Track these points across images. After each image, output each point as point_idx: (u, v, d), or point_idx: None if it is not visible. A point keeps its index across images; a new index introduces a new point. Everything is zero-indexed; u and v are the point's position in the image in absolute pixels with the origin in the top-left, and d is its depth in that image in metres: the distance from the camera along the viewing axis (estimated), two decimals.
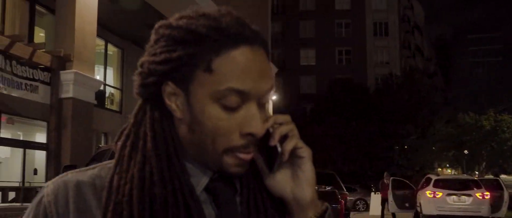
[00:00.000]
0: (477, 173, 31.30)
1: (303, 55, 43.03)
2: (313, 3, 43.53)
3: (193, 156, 0.74)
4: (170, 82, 0.71)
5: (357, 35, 42.45)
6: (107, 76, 14.76)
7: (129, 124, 0.75)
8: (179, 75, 0.70)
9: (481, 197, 13.35)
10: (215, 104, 0.69)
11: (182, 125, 0.72)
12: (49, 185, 0.74)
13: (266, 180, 0.76)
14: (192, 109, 0.70)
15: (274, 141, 0.73)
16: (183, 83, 0.70)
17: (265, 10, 21.84)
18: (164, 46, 0.71)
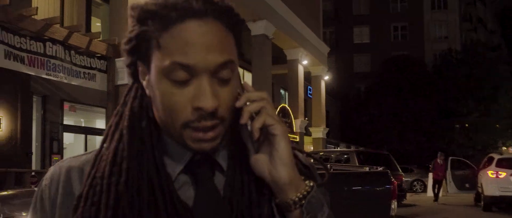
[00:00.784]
0: None
1: (356, 33, 41.98)
2: None
3: (169, 134, 0.75)
4: (139, 62, 0.75)
5: (413, 9, 40.79)
6: None
7: (119, 105, 0.79)
8: (142, 54, 0.73)
9: None
10: (166, 80, 0.70)
11: (154, 107, 0.75)
12: (50, 169, 0.81)
13: (250, 159, 0.76)
14: (152, 86, 0.73)
15: (243, 119, 0.72)
16: (146, 62, 0.73)
17: None
18: (130, 26, 0.74)
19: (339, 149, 22.88)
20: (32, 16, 7.85)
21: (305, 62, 17.70)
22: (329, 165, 7.17)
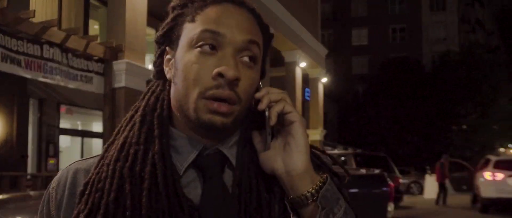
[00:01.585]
0: None
1: (355, 35, 41.99)
2: None
3: (182, 122, 0.76)
4: (167, 47, 0.78)
5: (412, 11, 40.84)
6: None
7: (138, 102, 0.82)
8: (172, 35, 0.78)
9: None
10: (192, 51, 0.73)
11: (172, 90, 0.77)
12: (58, 173, 0.82)
13: (260, 157, 0.75)
14: (176, 61, 0.75)
15: (262, 104, 0.72)
16: (175, 42, 0.77)
17: None
18: (166, 18, 0.80)
19: (336, 151, 22.89)
20: (29, 19, 7.85)
21: (303, 64, 17.70)
22: None
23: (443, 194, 15.16)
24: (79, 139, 12.24)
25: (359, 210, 0.82)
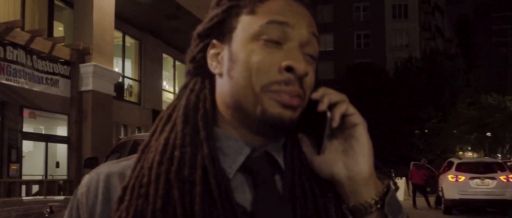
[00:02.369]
0: (499, 155, 30.72)
1: (320, 40, 42.23)
2: None
3: (232, 121, 0.71)
4: (214, 40, 0.73)
5: (376, 18, 41.80)
6: (125, 68, 14.89)
7: (172, 101, 0.76)
8: (223, 28, 0.72)
9: (505, 180, 13.06)
10: (256, 43, 0.69)
11: (221, 79, 0.72)
12: (86, 177, 0.75)
13: (314, 161, 0.70)
14: (233, 53, 0.70)
15: (323, 105, 0.68)
16: (227, 35, 0.71)
17: None
18: (213, 9, 0.75)
19: None
20: None
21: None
22: None
23: (425, 196, 15.36)
24: (43, 144, 11.85)
25: None
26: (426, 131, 30.49)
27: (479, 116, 28.58)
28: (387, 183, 0.70)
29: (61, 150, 11.80)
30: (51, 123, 12.77)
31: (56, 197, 6.09)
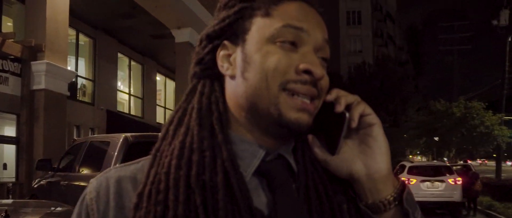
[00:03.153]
0: (446, 159, 32.05)
1: None
2: None
3: (246, 125, 0.69)
4: (226, 42, 0.72)
5: (330, 24, 41.95)
6: (78, 67, 14.40)
7: (181, 101, 0.74)
8: (235, 29, 0.71)
9: (453, 183, 13.63)
10: (272, 45, 0.68)
11: (233, 81, 0.70)
12: (93, 181, 0.72)
13: (329, 161, 0.71)
14: (247, 54, 0.69)
15: (340, 106, 0.69)
16: (239, 36, 0.71)
17: None
18: (223, 10, 0.74)
19: None
20: None
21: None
22: None
23: None
24: None
25: None
26: None
27: (429, 121, 29.63)
28: (401, 180, 0.72)
29: (8, 151, 11.23)
30: None
31: (3, 201, 5.77)
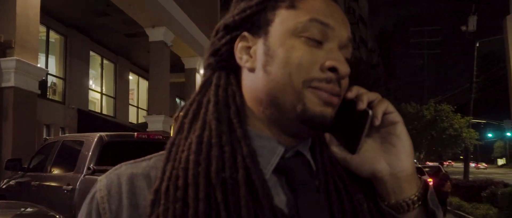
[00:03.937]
0: (416, 161, 32.72)
1: None
2: None
3: (264, 120, 0.67)
4: (245, 33, 0.68)
5: None
6: (49, 65, 14.04)
7: (194, 94, 0.71)
8: (257, 20, 0.69)
9: None
10: (296, 39, 0.66)
11: (253, 75, 0.67)
12: (102, 179, 0.68)
13: (350, 160, 0.68)
14: (270, 47, 0.66)
15: (363, 104, 0.67)
16: (261, 28, 0.68)
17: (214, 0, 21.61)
18: (243, 0, 0.71)
19: None
20: None
21: (202, 71, 17.61)
22: None
23: None
24: None
25: None
26: None
27: None
28: (423, 179, 0.70)
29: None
30: None
31: None
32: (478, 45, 20.66)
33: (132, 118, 19.59)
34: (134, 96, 20.38)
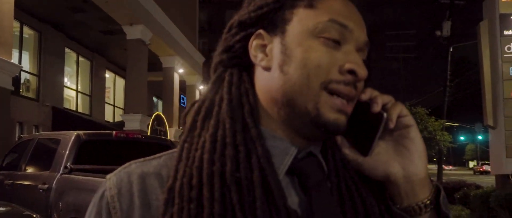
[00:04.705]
0: None
1: None
2: None
3: (278, 120, 0.66)
4: (261, 31, 0.67)
5: None
6: (22, 61, 13.71)
7: (206, 91, 0.70)
8: (274, 18, 0.67)
9: None
10: (315, 39, 0.65)
11: (268, 74, 0.66)
12: (111, 177, 0.66)
13: (363, 162, 0.68)
14: (287, 47, 0.65)
15: (378, 106, 0.66)
16: (278, 27, 0.67)
17: None
18: None
19: None
20: None
21: (180, 70, 17.52)
22: None
23: None
24: None
25: None
26: None
27: None
28: (436, 184, 0.70)
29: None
30: None
31: None
32: (452, 50, 21.07)
33: (109, 117, 19.31)
34: (111, 95, 20.09)
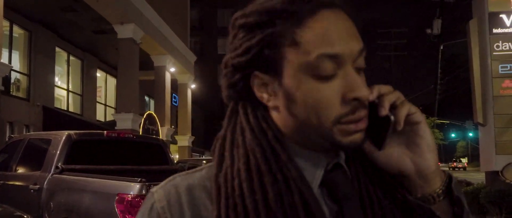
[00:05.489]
0: None
1: (220, 44, 42.87)
2: None
3: (300, 143, 0.68)
4: (257, 72, 0.67)
5: None
6: (12, 61, 13.61)
7: (223, 128, 0.72)
8: (264, 60, 0.67)
9: None
10: (309, 78, 0.65)
11: (279, 113, 0.68)
12: (158, 190, 0.70)
13: (378, 157, 0.71)
14: (287, 91, 0.66)
15: (384, 110, 0.68)
16: (271, 68, 0.67)
17: None
18: (243, 37, 0.69)
19: (204, 157, 22.92)
20: None
21: (172, 69, 17.47)
22: None
23: None
24: None
25: None
26: None
27: None
28: (448, 173, 0.73)
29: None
30: None
31: None
32: (442, 48, 21.21)
33: (100, 116, 19.23)
34: (102, 94, 20.00)
